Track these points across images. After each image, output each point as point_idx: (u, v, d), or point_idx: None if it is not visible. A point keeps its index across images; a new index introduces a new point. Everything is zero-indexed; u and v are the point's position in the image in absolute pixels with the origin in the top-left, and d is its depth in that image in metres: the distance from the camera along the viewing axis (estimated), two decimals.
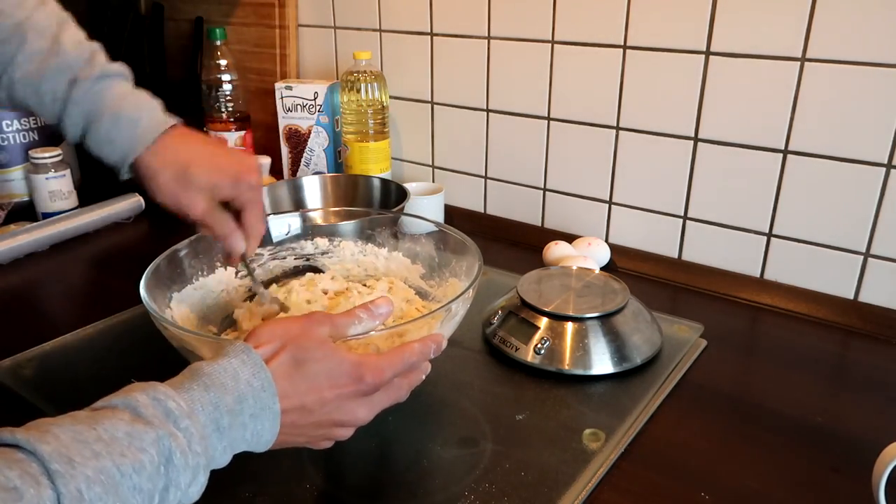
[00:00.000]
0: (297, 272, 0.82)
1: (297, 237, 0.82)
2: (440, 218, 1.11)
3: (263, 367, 0.46)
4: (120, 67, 0.66)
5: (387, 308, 0.55)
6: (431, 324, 0.59)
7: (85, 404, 0.38)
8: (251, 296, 0.76)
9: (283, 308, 0.72)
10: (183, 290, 0.71)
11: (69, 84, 0.63)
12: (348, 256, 0.82)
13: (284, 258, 0.82)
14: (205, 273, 0.74)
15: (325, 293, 0.75)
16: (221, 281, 0.76)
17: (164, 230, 1.14)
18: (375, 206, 1.07)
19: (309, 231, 0.82)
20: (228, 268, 0.76)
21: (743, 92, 0.84)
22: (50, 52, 0.63)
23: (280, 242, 0.81)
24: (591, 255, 0.95)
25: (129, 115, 0.63)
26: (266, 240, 0.78)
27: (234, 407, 0.44)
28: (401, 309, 0.72)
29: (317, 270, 0.82)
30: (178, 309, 0.69)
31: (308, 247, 0.82)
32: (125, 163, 0.63)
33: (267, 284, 0.78)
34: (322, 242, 0.82)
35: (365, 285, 0.78)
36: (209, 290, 0.74)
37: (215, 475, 0.58)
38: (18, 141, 1.18)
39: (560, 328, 0.72)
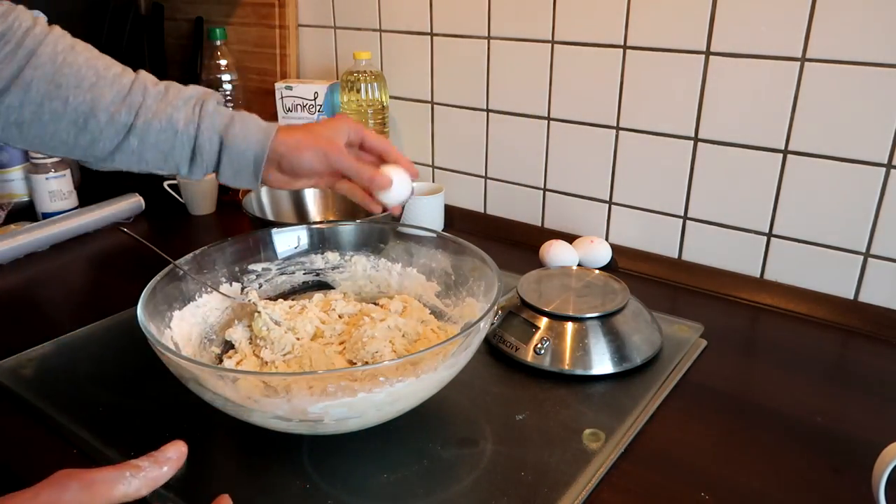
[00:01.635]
0: (307, 287, 0.79)
1: (306, 251, 0.79)
2: (440, 218, 1.11)
3: None
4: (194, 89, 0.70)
5: (176, 453, 0.45)
6: (448, 350, 0.57)
7: (85, 404, 0.38)
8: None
9: (293, 330, 0.70)
10: (184, 309, 0.68)
11: (194, 110, 0.67)
12: (360, 272, 0.79)
13: (293, 273, 0.79)
14: (208, 290, 0.72)
15: (340, 317, 0.73)
16: (226, 298, 0.73)
17: (164, 230, 1.14)
18: None
19: (319, 245, 0.80)
20: (234, 283, 0.75)
21: (743, 92, 0.84)
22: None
23: (289, 257, 0.78)
24: (592, 253, 0.94)
25: (245, 114, 0.69)
26: (273, 255, 0.78)
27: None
28: (417, 332, 0.70)
29: (327, 286, 0.80)
30: (179, 329, 0.66)
31: (318, 261, 0.79)
32: (265, 150, 0.67)
33: (274, 300, 0.76)
34: (333, 257, 0.80)
35: (377, 303, 0.75)
36: (212, 308, 0.72)
37: (213, 473, 0.58)
38: None
39: (560, 328, 0.72)
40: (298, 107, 1.17)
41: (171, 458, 0.44)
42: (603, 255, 0.96)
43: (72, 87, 0.63)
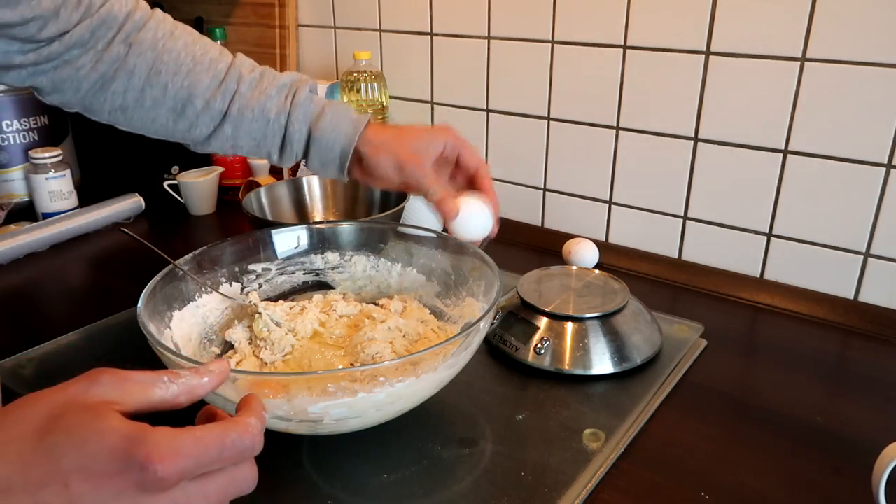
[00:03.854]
0: (307, 287, 0.79)
1: (306, 251, 0.79)
2: (440, 218, 1.10)
3: None
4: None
5: (218, 368, 0.42)
6: (448, 350, 0.57)
7: None
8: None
9: (293, 332, 0.69)
10: (184, 309, 0.68)
11: (286, 98, 0.68)
12: (360, 272, 0.79)
13: (293, 273, 0.78)
14: (208, 290, 0.71)
15: (341, 318, 0.73)
16: (226, 299, 0.72)
17: (164, 230, 1.14)
18: (376, 206, 1.06)
19: (319, 245, 0.79)
20: (234, 283, 0.74)
21: (743, 92, 0.84)
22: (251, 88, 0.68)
23: (289, 257, 0.78)
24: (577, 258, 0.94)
25: (337, 105, 0.69)
26: (273, 255, 0.78)
27: None
28: (417, 332, 0.69)
29: (326, 286, 0.79)
30: (179, 329, 0.66)
31: (318, 261, 0.79)
32: (351, 144, 0.68)
33: (274, 300, 0.76)
34: (333, 257, 0.79)
35: (376, 304, 0.75)
36: (212, 308, 0.71)
37: None
38: (18, 141, 1.18)
39: (560, 328, 0.72)
40: None
41: (213, 370, 0.41)
42: (591, 257, 0.95)
43: (171, 74, 0.65)
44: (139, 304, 0.60)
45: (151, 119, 0.67)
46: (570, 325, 0.72)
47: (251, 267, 0.76)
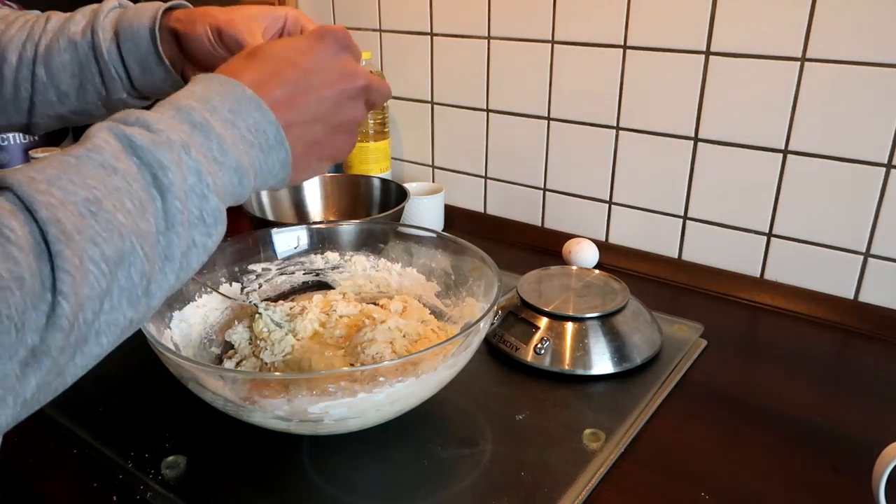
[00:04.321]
0: (307, 287, 0.79)
1: (306, 251, 0.79)
2: (440, 218, 1.11)
3: (214, 75, 0.43)
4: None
5: None
6: (448, 350, 0.57)
7: (85, 404, 0.38)
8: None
9: (293, 332, 0.69)
10: (184, 309, 0.68)
11: (89, 22, 0.60)
12: (360, 272, 0.79)
13: (293, 273, 0.78)
14: (208, 290, 0.71)
15: (341, 318, 0.72)
16: (226, 298, 0.73)
17: None
18: (375, 206, 1.07)
19: (319, 245, 0.79)
20: (233, 283, 0.74)
21: (743, 92, 0.84)
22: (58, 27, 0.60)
23: (289, 257, 0.78)
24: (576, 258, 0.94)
25: (146, 3, 0.61)
26: (273, 255, 0.77)
27: (199, 106, 0.40)
28: (417, 332, 0.69)
29: (326, 286, 0.79)
30: (179, 329, 0.66)
31: (318, 261, 0.79)
32: (156, 22, 0.58)
33: (274, 300, 0.75)
34: (333, 257, 0.79)
35: (376, 303, 0.75)
36: (212, 308, 0.72)
37: (213, 473, 0.58)
38: (18, 141, 1.19)
39: (560, 328, 0.72)
40: None
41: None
42: (591, 257, 0.95)
43: None
44: None
45: None
46: (570, 325, 0.72)
47: (251, 267, 0.76)
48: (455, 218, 1.15)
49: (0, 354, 0.30)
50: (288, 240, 0.79)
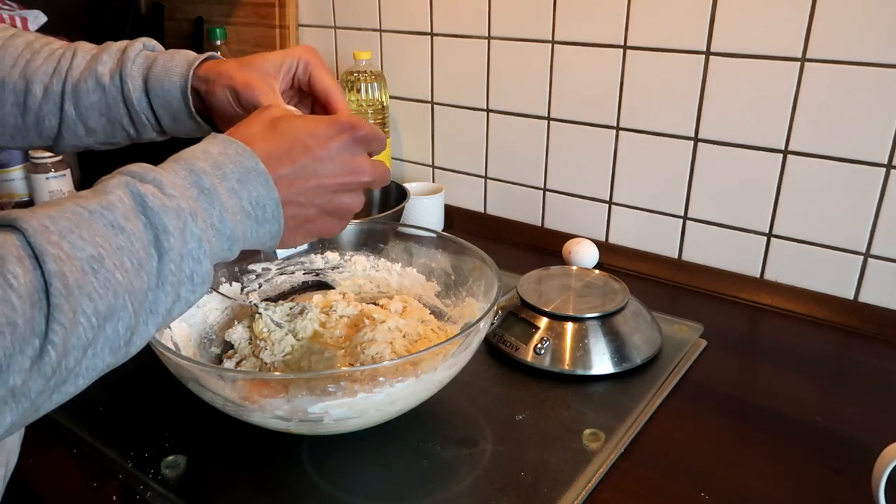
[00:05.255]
0: (307, 287, 0.79)
1: (306, 251, 0.79)
2: (440, 218, 1.11)
3: (232, 139, 0.45)
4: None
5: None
6: (448, 350, 0.57)
7: (85, 404, 0.38)
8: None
9: (293, 332, 0.69)
10: None
11: (118, 64, 0.61)
12: (360, 272, 0.79)
13: (293, 273, 0.79)
14: (208, 290, 0.71)
15: (341, 318, 0.72)
16: (226, 298, 0.73)
17: None
18: (375, 206, 1.07)
19: (319, 245, 0.79)
20: (233, 283, 0.74)
21: (743, 92, 0.84)
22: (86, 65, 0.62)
23: (288, 257, 0.78)
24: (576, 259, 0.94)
25: (173, 51, 0.62)
26: (272, 254, 0.77)
27: (211, 171, 0.43)
28: (417, 332, 0.69)
29: (326, 286, 0.79)
30: (178, 328, 0.66)
31: (318, 261, 0.79)
32: (187, 82, 0.59)
33: (275, 300, 0.75)
34: (333, 257, 0.79)
35: (376, 303, 0.75)
36: (212, 308, 0.72)
37: (213, 473, 0.58)
38: None
39: (560, 328, 0.72)
40: None
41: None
42: (591, 257, 0.95)
43: (7, 69, 0.61)
44: None
45: (1, 121, 0.62)
46: (570, 325, 0.72)
47: (251, 267, 0.76)
48: (455, 218, 1.15)
49: None
50: None
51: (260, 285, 0.77)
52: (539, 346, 0.72)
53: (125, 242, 0.37)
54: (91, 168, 1.35)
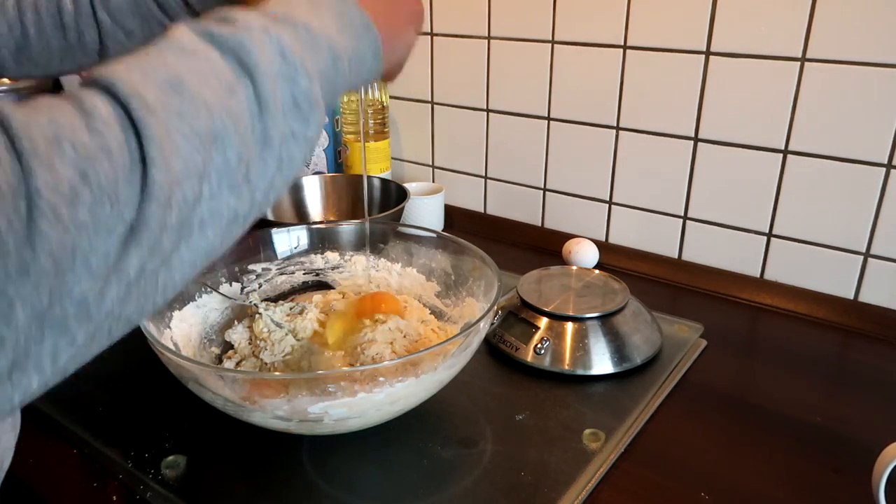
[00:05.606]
0: (307, 287, 0.79)
1: (306, 251, 0.79)
2: (440, 218, 1.11)
3: None
4: None
5: None
6: (448, 350, 0.57)
7: (85, 404, 0.38)
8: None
9: (293, 332, 0.69)
10: (184, 309, 0.68)
11: None
12: (360, 272, 0.79)
13: (293, 273, 0.78)
14: (208, 290, 0.71)
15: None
16: (226, 298, 0.73)
17: None
18: (375, 206, 1.07)
19: (319, 245, 0.79)
20: (233, 283, 0.74)
21: (743, 92, 0.84)
22: None
23: (289, 257, 0.78)
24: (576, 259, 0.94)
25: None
26: (273, 254, 0.77)
27: (275, 4, 0.38)
28: (418, 332, 0.69)
29: (326, 286, 0.79)
30: (178, 328, 0.66)
31: (318, 261, 0.79)
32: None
33: (275, 300, 0.75)
34: (333, 257, 0.79)
35: None
36: (212, 308, 0.72)
37: (213, 473, 0.58)
38: None
39: (560, 328, 0.72)
40: None
41: None
42: (591, 257, 0.95)
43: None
44: None
45: (48, 47, 0.62)
46: (570, 325, 0.72)
47: (251, 267, 0.76)
48: (455, 218, 1.15)
49: (98, 230, 0.28)
50: (288, 240, 0.78)
51: (260, 285, 0.77)
52: (539, 346, 0.72)
53: (203, 65, 0.33)
54: None
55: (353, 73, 0.42)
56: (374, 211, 1.06)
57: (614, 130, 0.96)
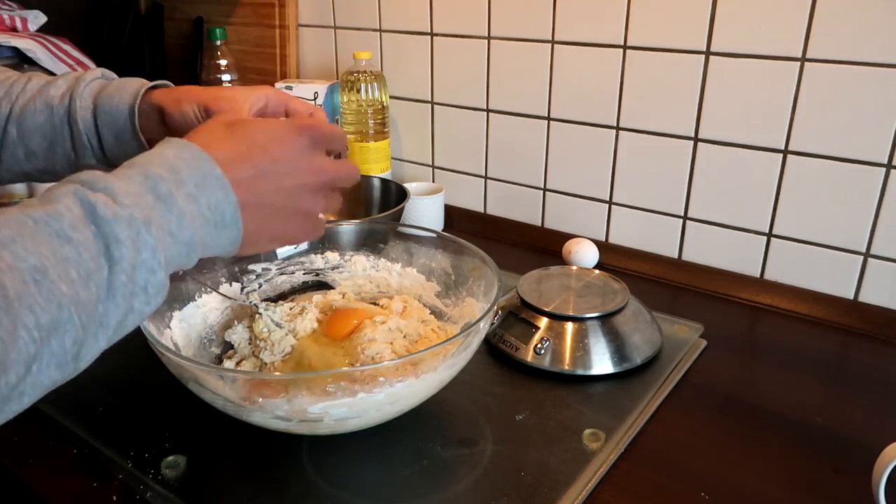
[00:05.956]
0: (307, 287, 0.79)
1: (306, 251, 0.79)
2: (440, 218, 1.11)
3: (188, 143, 0.44)
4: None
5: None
6: (448, 350, 0.57)
7: (85, 404, 0.38)
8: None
9: (293, 333, 0.69)
10: (184, 309, 0.68)
11: (70, 87, 0.61)
12: (360, 272, 0.79)
13: (293, 273, 0.78)
14: (208, 290, 0.71)
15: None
16: (226, 298, 0.72)
17: None
18: (375, 206, 1.07)
19: (319, 245, 0.79)
20: (234, 283, 0.74)
21: (743, 92, 0.84)
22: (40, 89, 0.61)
23: (289, 257, 0.78)
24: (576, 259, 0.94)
25: (128, 78, 0.63)
26: (273, 254, 0.77)
27: (168, 176, 0.41)
28: (418, 332, 0.69)
29: (326, 286, 0.79)
30: (179, 328, 0.66)
31: (318, 261, 0.79)
32: (137, 99, 0.59)
33: (275, 300, 0.75)
34: (333, 257, 0.79)
35: (377, 303, 0.74)
36: (212, 308, 0.71)
37: (213, 473, 0.58)
38: None
39: (560, 328, 0.72)
40: None
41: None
42: (591, 257, 0.95)
43: None
44: None
45: None
46: (570, 325, 0.72)
47: (251, 267, 0.76)
48: (455, 218, 1.15)
49: None
50: None
51: (260, 285, 0.77)
52: (539, 346, 0.72)
53: (72, 253, 0.36)
54: None
55: (204, 255, 0.45)
56: (374, 211, 1.06)
57: (614, 130, 0.96)
